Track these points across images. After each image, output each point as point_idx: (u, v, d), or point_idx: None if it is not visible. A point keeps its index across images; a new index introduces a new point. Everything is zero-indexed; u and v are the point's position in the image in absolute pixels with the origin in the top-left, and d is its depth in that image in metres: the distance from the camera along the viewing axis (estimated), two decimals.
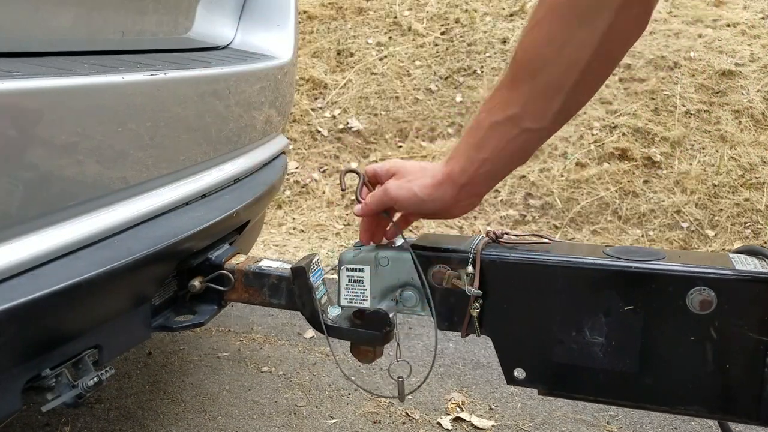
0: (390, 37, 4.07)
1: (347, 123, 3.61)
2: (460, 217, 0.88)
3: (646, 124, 3.28)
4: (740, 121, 3.22)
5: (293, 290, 1.03)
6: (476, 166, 0.80)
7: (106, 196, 0.93)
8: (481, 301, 0.88)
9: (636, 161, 3.14)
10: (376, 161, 3.41)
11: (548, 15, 0.72)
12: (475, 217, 3.06)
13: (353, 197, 3.27)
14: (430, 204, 0.84)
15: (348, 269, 0.95)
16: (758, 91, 3.31)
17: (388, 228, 0.94)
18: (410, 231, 2.96)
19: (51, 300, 0.77)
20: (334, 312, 1.03)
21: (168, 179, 1.08)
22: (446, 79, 3.77)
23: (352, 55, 4.00)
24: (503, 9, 4.07)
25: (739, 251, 0.86)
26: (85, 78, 0.86)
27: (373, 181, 0.94)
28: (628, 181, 3.07)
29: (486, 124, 0.78)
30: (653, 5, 0.73)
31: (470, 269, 0.87)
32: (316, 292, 1.02)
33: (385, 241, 0.96)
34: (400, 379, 0.99)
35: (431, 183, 0.83)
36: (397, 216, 0.94)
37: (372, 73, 3.85)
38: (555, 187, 3.10)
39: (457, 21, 4.07)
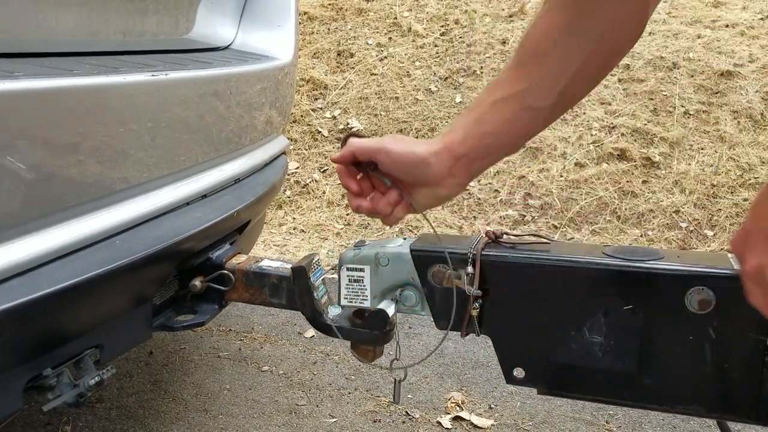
0: (390, 38, 4.08)
1: (347, 123, 3.61)
2: (451, 200, 0.83)
3: (645, 124, 3.28)
4: (739, 122, 3.23)
5: (294, 290, 1.03)
6: (476, 138, 0.80)
7: (108, 197, 0.94)
8: (480, 300, 0.89)
9: (635, 161, 3.14)
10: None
11: (557, 6, 0.77)
12: (474, 217, 3.07)
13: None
14: (422, 167, 0.81)
15: (348, 269, 0.96)
16: (757, 91, 3.32)
17: (388, 196, 0.85)
18: (410, 231, 2.96)
19: (52, 300, 0.77)
20: (334, 312, 1.03)
21: (169, 179, 1.09)
22: (446, 79, 3.77)
23: (352, 55, 4.00)
24: (503, 10, 4.08)
25: None
26: (86, 78, 0.86)
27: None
28: (627, 182, 3.08)
29: (488, 101, 0.80)
30: (651, 4, 0.77)
31: (470, 269, 0.88)
32: (317, 292, 1.02)
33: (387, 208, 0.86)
34: (397, 381, 1.00)
35: (428, 149, 0.81)
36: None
37: (372, 74, 3.85)
38: (554, 187, 3.10)
39: (456, 22, 4.08)
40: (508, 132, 0.80)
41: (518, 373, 0.90)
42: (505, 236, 0.92)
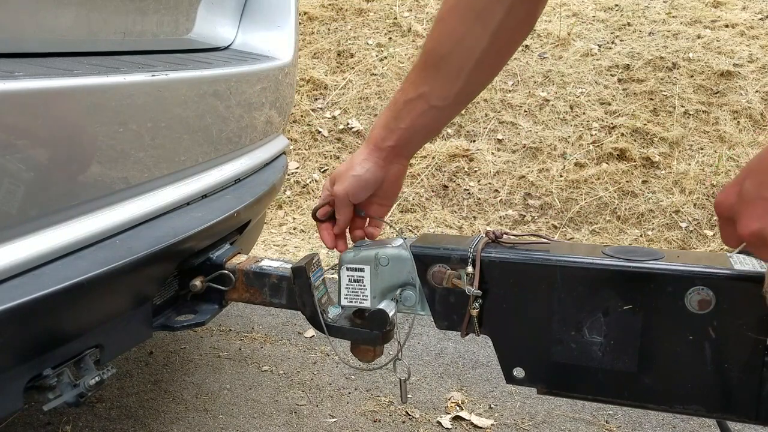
0: (390, 38, 4.08)
1: (347, 123, 3.61)
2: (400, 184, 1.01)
3: (645, 124, 3.28)
4: (739, 122, 3.23)
5: (294, 290, 1.03)
6: (398, 133, 0.93)
7: (108, 196, 0.94)
8: (480, 300, 0.89)
9: (635, 161, 3.14)
10: None
11: (450, 12, 0.86)
12: (474, 217, 3.07)
13: None
14: (368, 175, 0.95)
15: (348, 269, 0.96)
16: (757, 91, 3.32)
17: (367, 225, 1.03)
18: (410, 231, 2.97)
19: (53, 299, 0.77)
20: (334, 311, 1.03)
21: (169, 179, 1.09)
22: None
23: (352, 56, 4.00)
24: None
25: (737, 251, 0.86)
26: (86, 78, 0.86)
27: (328, 209, 1.02)
28: (627, 182, 3.08)
29: (402, 100, 0.92)
30: (539, 8, 0.87)
31: (470, 269, 0.88)
32: (317, 292, 1.02)
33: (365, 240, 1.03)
34: (402, 380, 1.00)
35: (362, 158, 0.95)
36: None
37: (372, 74, 3.85)
38: (554, 187, 3.10)
39: None
40: (422, 125, 0.93)
41: (518, 373, 0.90)
42: (505, 236, 0.92)
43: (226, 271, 1.09)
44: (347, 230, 1.03)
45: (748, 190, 0.64)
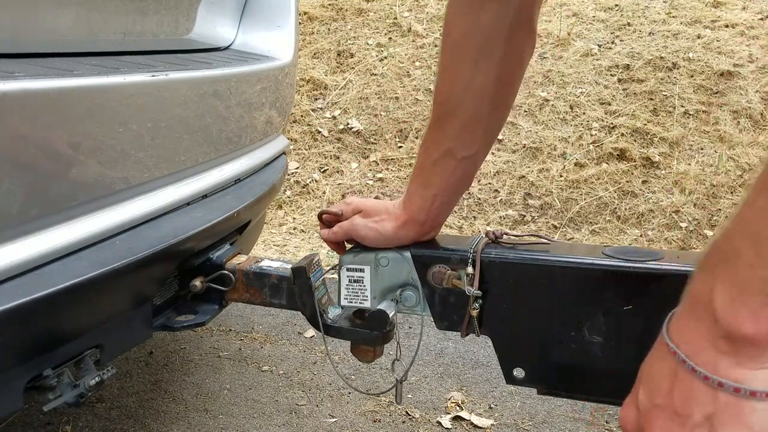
0: (390, 38, 4.08)
1: (347, 123, 3.61)
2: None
3: (645, 124, 3.29)
4: (739, 122, 3.23)
5: (294, 290, 1.03)
6: (429, 202, 0.89)
7: (108, 197, 0.94)
8: (480, 301, 0.89)
9: (635, 161, 3.14)
10: (376, 161, 3.41)
11: (452, 58, 0.83)
12: (474, 217, 3.07)
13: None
14: (396, 242, 0.92)
15: (348, 269, 0.96)
16: (757, 91, 3.32)
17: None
18: None
19: (53, 300, 0.77)
20: (334, 312, 1.03)
21: (169, 180, 1.09)
22: None
23: (352, 56, 4.00)
24: None
25: None
26: (86, 79, 0.86)
27: (333, 219, 0.99)
28: (627, 182, 3.08)
29: (428, 163, 0.88)
30: (535, 28, 0.84)
31: (470, 269, 0.88)
32: (317, 292, 1.02)
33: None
34: (398, 382, 1.00)
35: (396, 225, 0.91)
36: None
37: (372, 74, 3.85)
38: (554, 187, 3.10)
39: None
40: (455, 184, 0.89)
41: (518, 373, 0.90)
42: (505, 236, 0.92)
43: (226, 272, 1.09)
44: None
45: (642, 402, 0.65)
